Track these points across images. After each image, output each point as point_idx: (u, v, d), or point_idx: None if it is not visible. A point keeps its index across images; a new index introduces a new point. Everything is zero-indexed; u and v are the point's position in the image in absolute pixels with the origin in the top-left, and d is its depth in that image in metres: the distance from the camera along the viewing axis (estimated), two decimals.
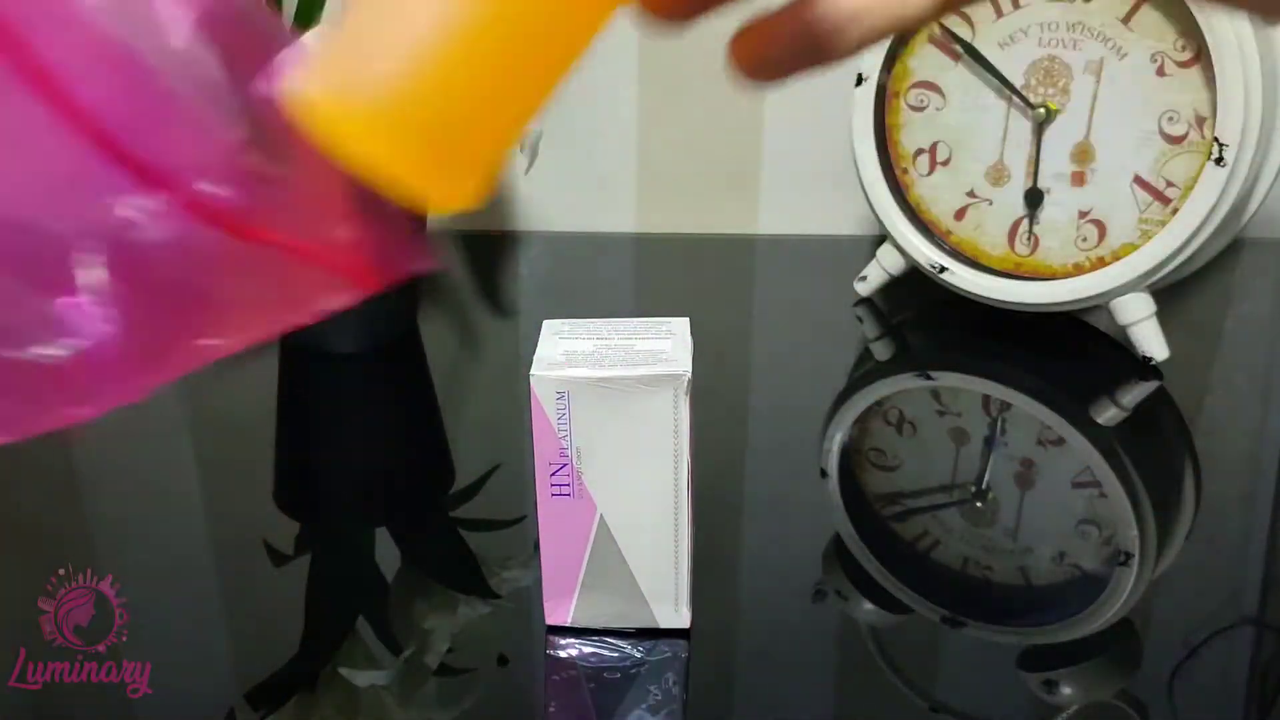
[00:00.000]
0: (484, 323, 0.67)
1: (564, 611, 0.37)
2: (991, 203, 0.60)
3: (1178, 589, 0.41)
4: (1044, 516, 0.46)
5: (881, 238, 0.63)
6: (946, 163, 0.60)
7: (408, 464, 0.51)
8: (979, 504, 0.46)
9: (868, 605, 0.40)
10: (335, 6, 0.49)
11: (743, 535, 0.44)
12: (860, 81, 0.60)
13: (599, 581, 0.36)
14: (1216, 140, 0.52)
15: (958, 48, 0.58)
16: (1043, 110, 0.57)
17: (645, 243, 0.78)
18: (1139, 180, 0.55)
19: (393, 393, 0.57)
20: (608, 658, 0.36)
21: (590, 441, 0.34)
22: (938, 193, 0.61)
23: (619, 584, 0.36)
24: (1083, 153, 0.57)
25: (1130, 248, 0.56)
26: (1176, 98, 0.54)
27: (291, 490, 0.49)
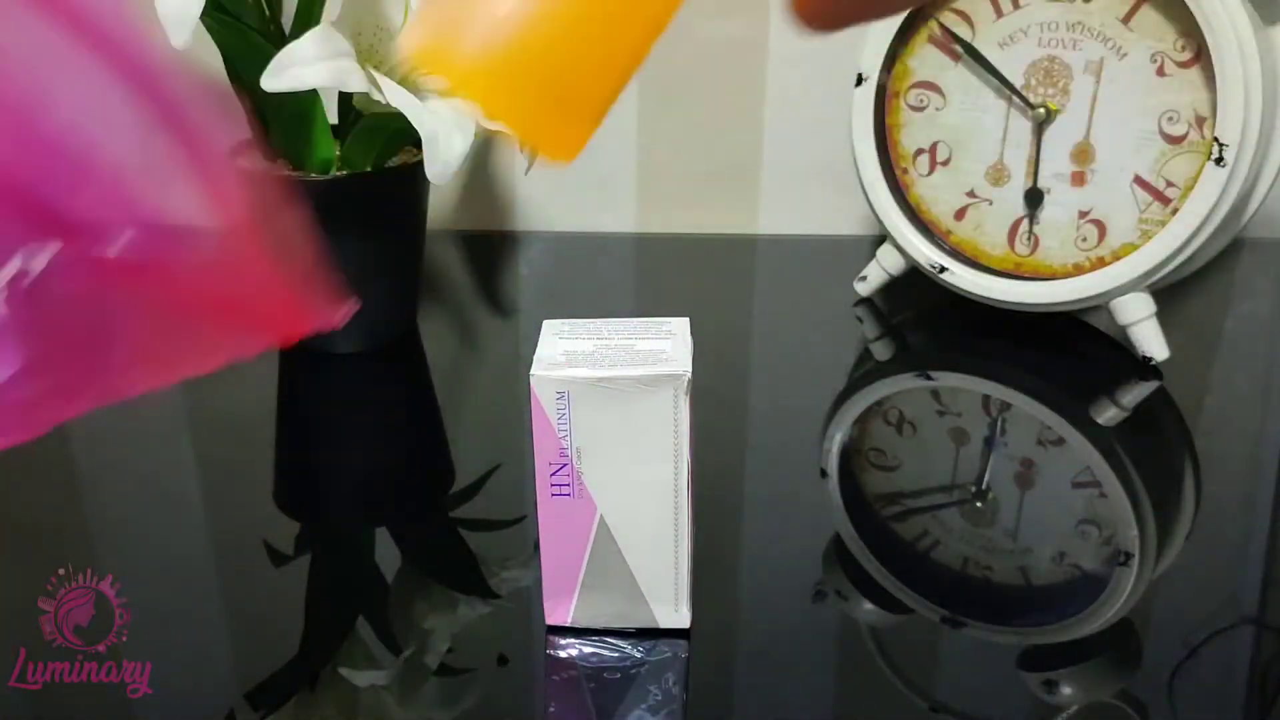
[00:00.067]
0: (484, 323, 0.67)
1: (564, 611, 0.37)
2: (991, 203, 0.60)
3: (1178, 589, 0.41)
4: (1044, 516, 0.46)
5: (881, 238, 0.63)
6: (946, 163, 0.60)
7: (408, 464, 0.51)
8: (979, 504, 0.46)
9: (868, 605, 0.40)
10: (335, 7, 0.49)
11: (743, 535, 0.44)
12: (860, 81, 0.60)
13: (599, 581, 0.36)
14: (1216, 140, 0.52)
15: (958, 48, 0.58)
16: (1043, 110, 0.57)
17: (645, 243, 0.78)
18: (1139, 180, 0.55)
19: (393, 393, 0.57)
20: (608, 658, 0.36)
21: (590, 441, 0.34)
22: (938, 193, 0.61)
23: (619, 584, 0.36)
24: (1083, 153, 0.57)
25: (1130, 248, 0.56)
26: (1176, 98, 0.54)
27: (291, 490, 0.49)
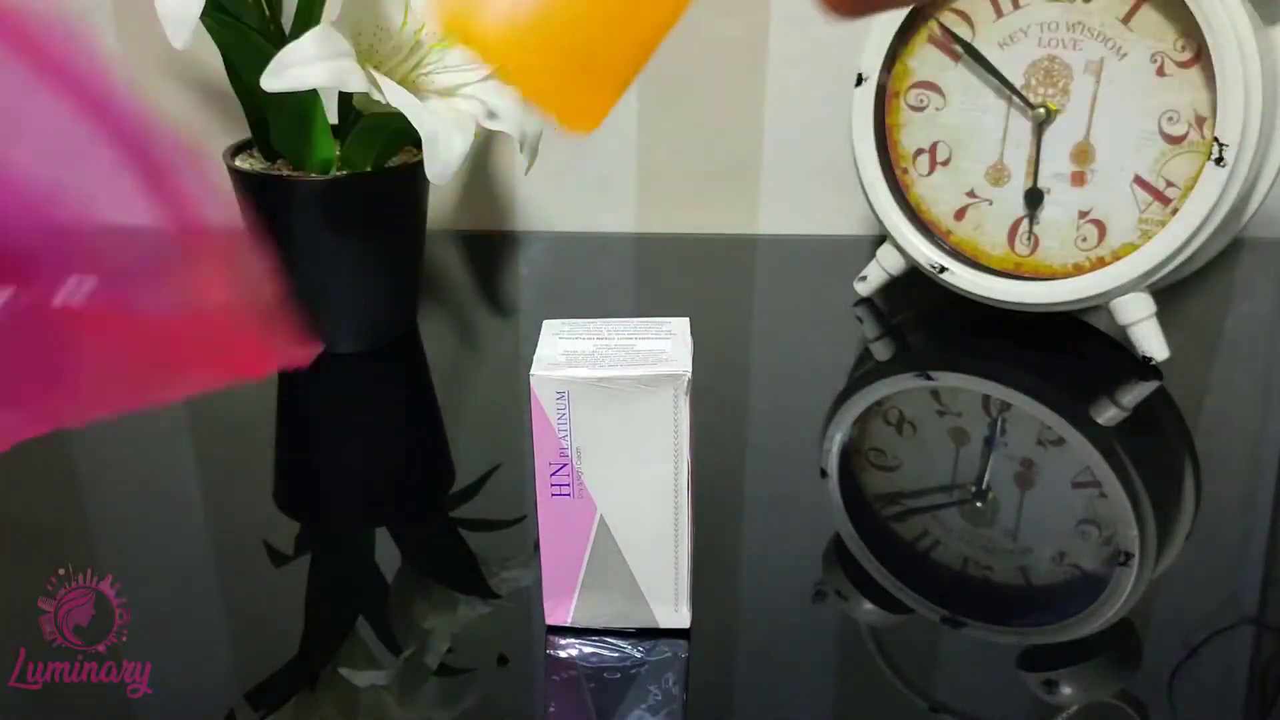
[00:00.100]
0: (484, 323, 0.67)
1: (564, 611, 0.37)
2: (991, 203, 0.60)
3: (1178, 589, 0.41)
4: (1044, 516, 0.46)
5: (881, 238, 0.63)
6: (946, 163, 0.60)
7: (408, 464, 0.51)
8: (979, 504, 0.46)
9: (868, 605, 0.40)
10: (335, 7, 0.49)
11: (743, 535, 0.44)
12: (860, 81, 0.60)
13: (599, 581, 0.36)
14: (1216, 140, 0.52)
15: (958, 48, 0.58)
16: (1043, 110, 0.57)
17: (645, 243, 0.78)
18: (1139, 180, 0.55)
19: (393, 393, 0.57)
20: (608, 658, 0.36)
21: (590, 441, 0.34)
22: (938, 193, 0.61)
23: (619, 584, 0.36)
24: (1083, 153, 0.57)
25: (1130, 248, 0.56)
26: (1176, 98, 0.54)
27: (291, 490, 0.49)
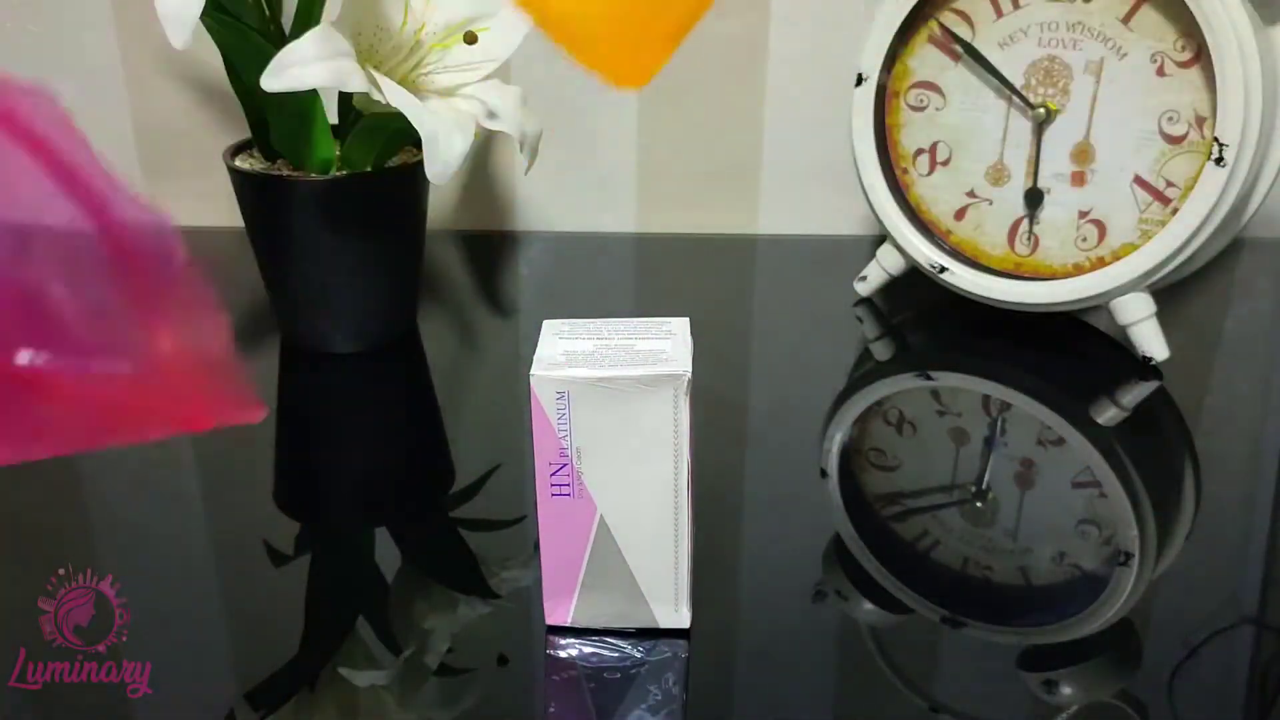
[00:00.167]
0: (484, 323, 0.67)
1: (564, 611, 0.37)
2: (991, 203, 0.60)
3: (1178, 589, 0.41)
4: (1044, 516, 0.46)
5: (881, 238, 0.63)
6: (946, 163, 0.60)
7: (408, 464, 0.51)
8: (979, 504, 0.46)
9: (868, 605, 0.40)
10: (335, 7, 0.49)
11: (743, 535, 0.44)
12: (860, 81, 0.60)
13: (599, 581, 0.36)
14: (1216, 140, 0.52)
15: (958, 48, 0.58)
16: (1043, 110, 0.57)
17: (645, 243, 0.78)
18: (1139, 180, 0.55)
19: (393, 393, 0.57)
20: (608, 658, 0.36)
21: (590, 441, 0.34)
22: (938, 193, 0.61)
23: (619, 584, 0.36)
24: (1083, 153, 0.57)
25: (1130, 248, 0.56)
26: (1176, 98, 0.54)
27: (291, 490, 0.49)
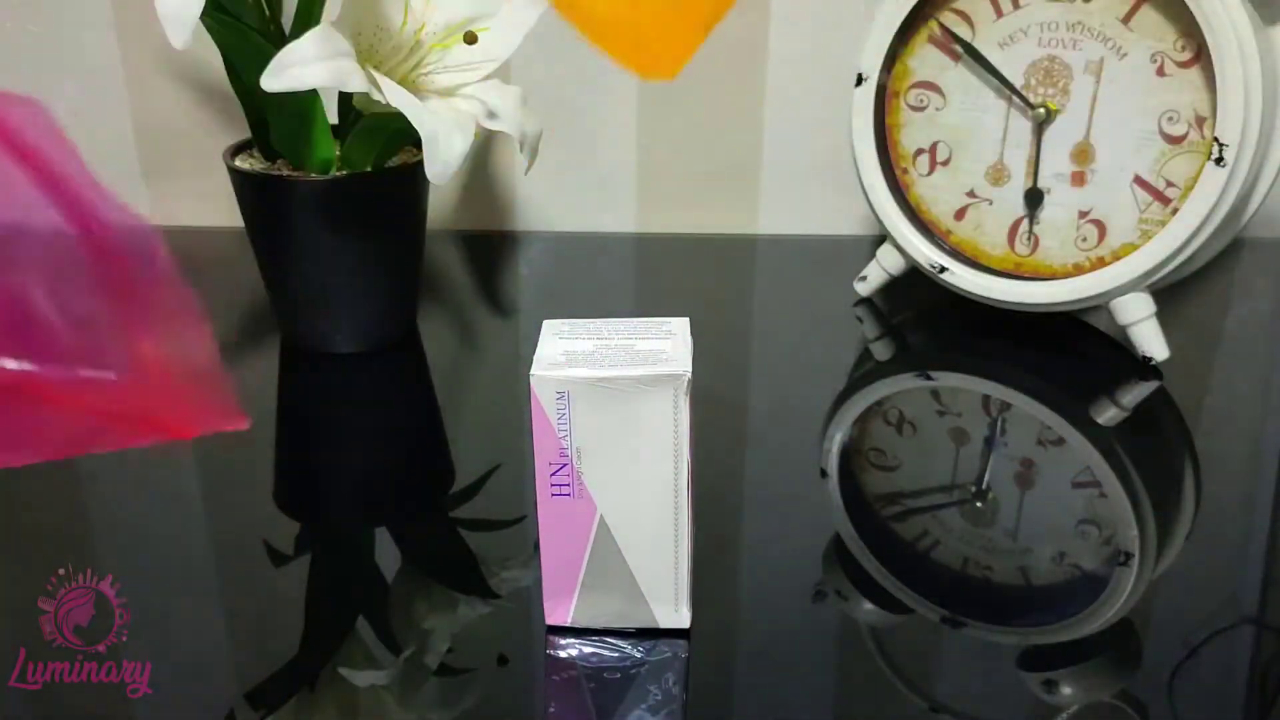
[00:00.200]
0: (484, 323, 0.67)
1: (564, 611, 0.37)
2: (991, 203, 0.60)
3: (1178, 589, 0.41)
4: (1044, 516, 0.46)
5: (881, 238, 0.63)
6: (946, 163, 0.60)
7: (408, 464, 0.51)
8: (979, 504, 0.46)
9: (868, 605, 0.40)
10: (335, 7, 0.49)
11: (743, 535, 0.44)
12: (860, 81, 0.60)
13: (599, 581, 0.36)
14: (1216, 140, 0.52)
15: (958, 48, 0.58)
16: (1043, 110, 0.57)
17: (645, 243, 0.78)
18: (1139, 180, 0.55)
19: (393, 393, 0.57)
20: (608, 658, 0.36)
21: (590, 441, 0.34)
22: (938, 193, 0.61)
23: (619, 584, 0.36)
24: (1083, 153, 0.57)
25: (1130, 248, 0.56)
26: (1176, 98, 0.54)
27: (291, 490, 0.49)
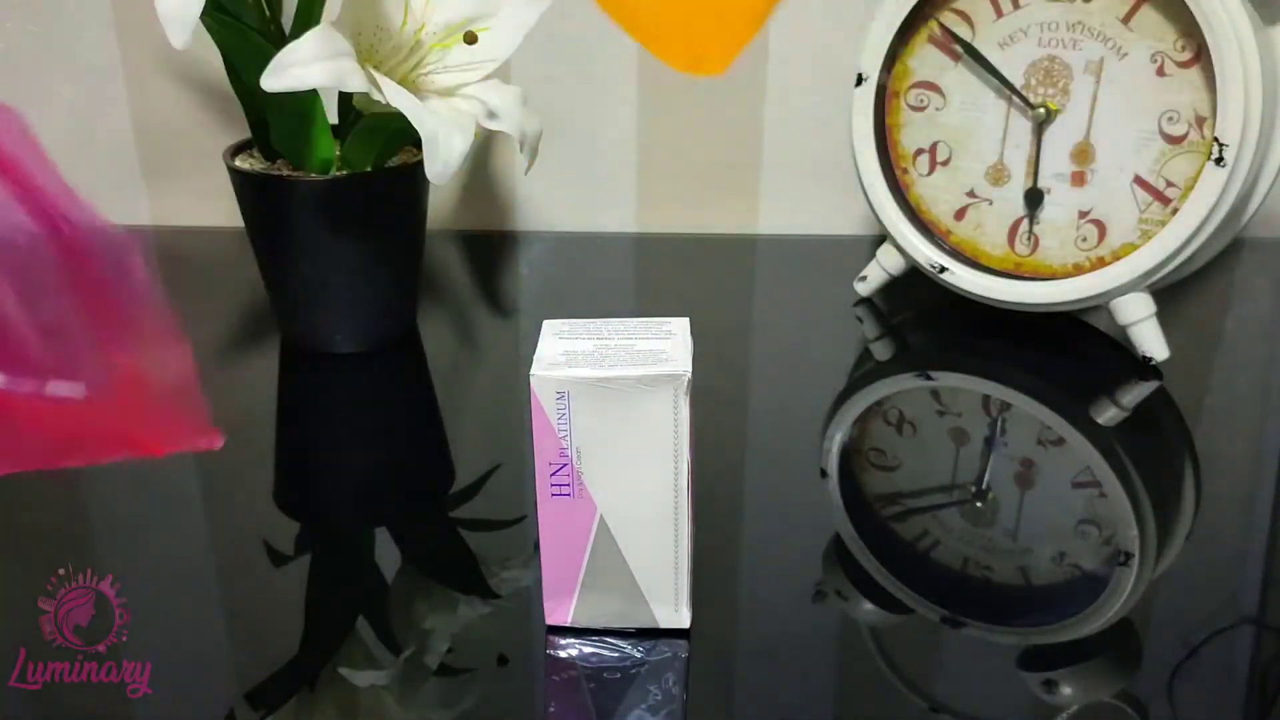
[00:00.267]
0: (484, 323, 0.67)
1: (564, 611, 0.37)
2: (991, 203, 0.60)
3: (1178, 589, 0.41)
4: (1044, 516, 0.46)
5: (881, 238, 0.63)
6: (946, 163, 0.60)
7: (408, 464, 0.51)
8: (979, 504, 0.46)
9: (868, 605, 0.40)
10: (335, 7, 0.49)
11: (743, 535, 0.44)
12: (860, 81, 0.60)
13: (599, 581, 0.36)
14: (1216, 140, 0.52)
15: (958, 48, 0.58)
16: (1043, 110, 0.57)
17: (645, 243, 0.78)
18: (1139, 180, 0.55)
19: (393, 393, 0.57)
20: (608, 658, 0.36)
21: (590, 441, 0.34)
22: (938, 193, 0.61)
23: (619, 584, 0.36)
24: (1083, 153, 0.57)
25: (1130, 248, 0.56)
26: (1176, 98, 0.54)
27: (291, 490, 0.49)
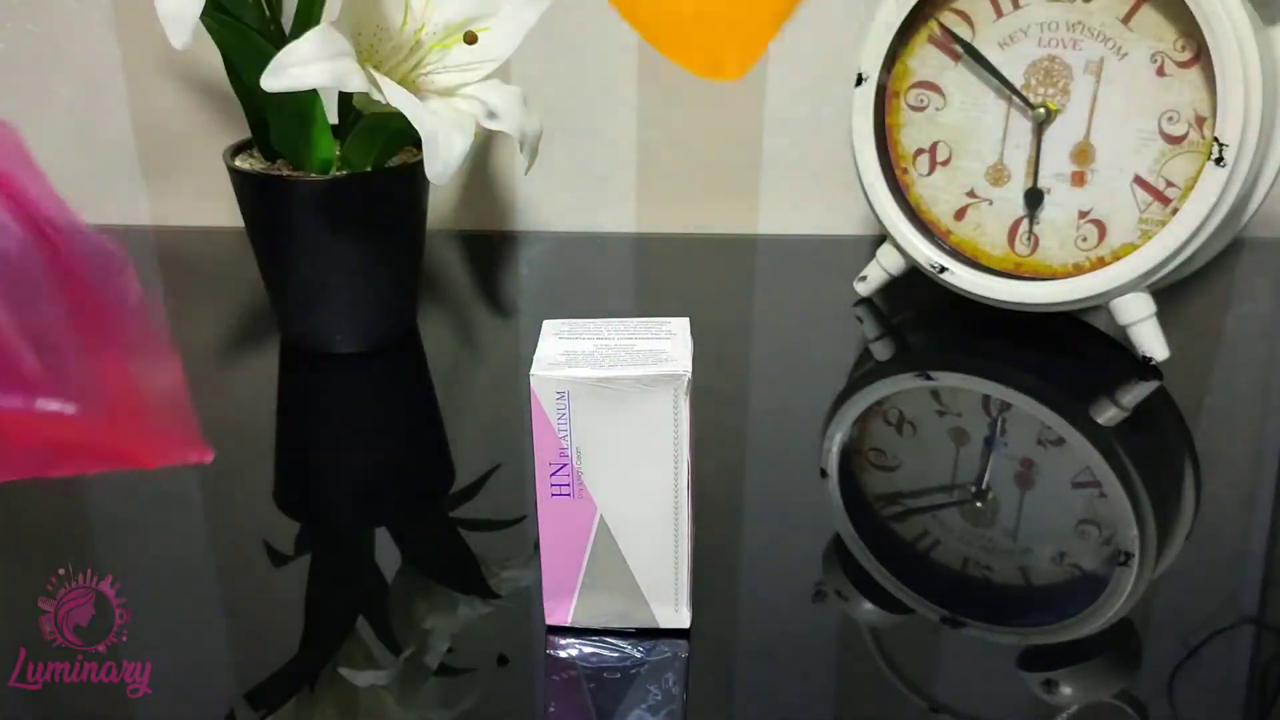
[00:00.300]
0: (484, 323, 0.67)
1: (564, 611, 0.37)
2: (991, 203, 0.60)
3: (1178, 589, 0.41)
4: (1044, 516, 0.46)
5: (881, 238, 0.63)
6: (946, 163, 0.60)
7: (408, 464, 0.51)
8: (979, 504, 0.46)
9: (868, 605, 0.40)
10: (335, 7, 0.49)
11: (743, 535, 0.44)
12: (860, 81, 0.60)
13: (599, 581, 0.36)
14: (1216, 140, 0.52)
15: (958, 48, 0.58)
16: (1043, 110, 0.57)
17: (645, 243, 0.78)
18: (1139, 180, 0.55)
19: (393, 393, 0.57)
20: (608, 658, 0.36)
21: (590, 441, 0.34)
22: (938, 193, 0.61)
23: (619, 584, 0.36)
24: (1083, 153, 0.57)
25: (1130, 248, 0.56)
26: (1176, 98, 0.54)
27: (291, 490, 0.49)
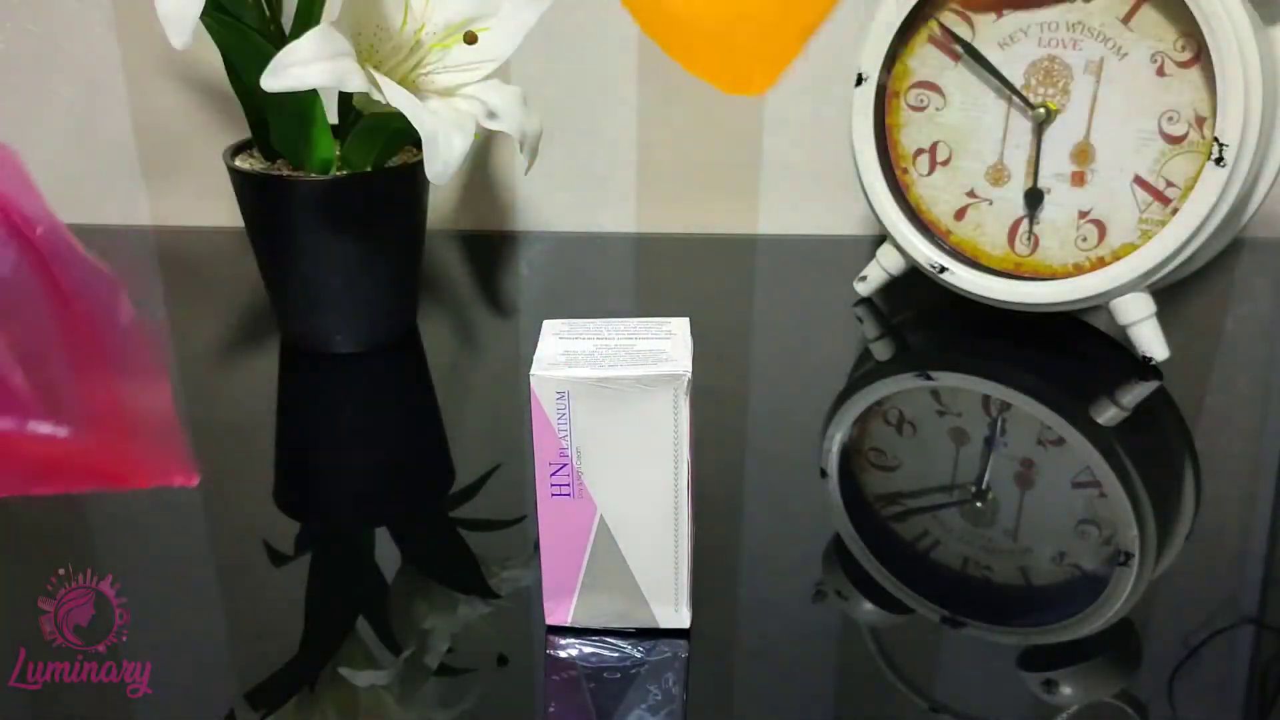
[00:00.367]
0: (484, 323, 0.67)
1: (564, 611, 0.37)
2: (991, 203, 0.60)
3: (1178, 589, 0.41)
4: (1044, 516, 0.46)
5: (881, 238, 0.63)
6: (946, 163, 0.60)
7: (408, 464, 0.51)
8: (979, 504, 0.46)
9: (868, 605, 0.40)
10: (335, 7, 0.49)
11: (743, 535, 0.44)
12: (860, 81, 0.60)
13: (599, 581, 0.36)
14: (1216, 140, 0.52)
15: (958, 48, 0.58)
16: (1043, 110, 0.57)
17: (645, 243, 0.78)
18: (1139, 180, 0.55)
19: (393, 393, 0.57)
20: (608, 658, 0.36)
21: (590, 441, 0.34)
22: (938, 193, 0.61)
23: (619, 584, 0.36)
24: (1083, 153, 0.57)
25: (1130, 248, 0.56)
26: (1176, 98, 0.54)
27: (291, 490, 0.49)
